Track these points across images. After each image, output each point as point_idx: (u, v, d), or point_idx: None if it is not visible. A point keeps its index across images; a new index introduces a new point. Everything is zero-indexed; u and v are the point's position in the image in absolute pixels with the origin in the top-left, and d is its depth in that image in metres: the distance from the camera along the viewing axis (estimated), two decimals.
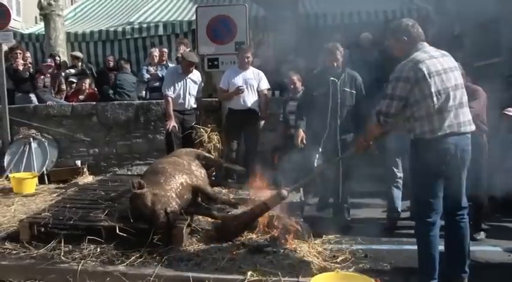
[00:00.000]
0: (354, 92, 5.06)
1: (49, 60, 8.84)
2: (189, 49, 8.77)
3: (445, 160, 3.36)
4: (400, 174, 5.18)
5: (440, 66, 3.36)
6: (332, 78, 5.00)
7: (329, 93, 5.00)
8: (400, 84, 3.35)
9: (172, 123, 6.19)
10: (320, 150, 5.01)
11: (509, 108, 5.20)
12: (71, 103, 8.10)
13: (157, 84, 8.14)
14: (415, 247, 3.61)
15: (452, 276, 3.53)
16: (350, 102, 5.05)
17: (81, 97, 8.60)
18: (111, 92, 7.92)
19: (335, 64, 5.06)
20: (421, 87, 3.30)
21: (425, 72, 3.29)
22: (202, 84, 6.79)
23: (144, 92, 8.66)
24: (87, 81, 8.80)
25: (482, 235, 4.79)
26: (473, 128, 3.48)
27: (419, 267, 3.53)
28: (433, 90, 3.29)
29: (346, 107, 5.03)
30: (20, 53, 8.47)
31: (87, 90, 8.69)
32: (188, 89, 6.40)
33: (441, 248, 3.54)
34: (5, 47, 8.20)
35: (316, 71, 5.55)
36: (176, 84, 6.33)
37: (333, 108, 5.00)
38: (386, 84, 3.50)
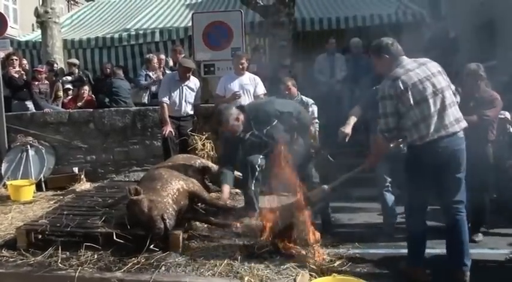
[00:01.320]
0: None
1: (40, 66, 8.85)
2: (183, 55, 8.82)
3: (437, 163, 3.61)
4: (389, 179, 5.17)
5: (416, 77, 3.59)
6: (248, 137, 4.53)
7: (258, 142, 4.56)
8: (387, 102, 3.63)
9: (169, 129, 6.20)
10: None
11: (503, 111, 5.23)
12: (67, 110, 8.11)
13: (155, 90, 8.18)
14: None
15: (453, 270, 3.70)
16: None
17: (79, 104, 8.62)
18: (107, 100, 7.92)
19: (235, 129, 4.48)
20: (402, 101, 3.57)
21: (402, 87, 3.55)
22: (200, 92, 6.82)
23: (146, 98, 8.67)
24: (86, 88, 8.82)
25: (480, 237, 4.80)
26: (463, 125, 3.67)
27: (408, 257, 3.89)
28: (412, 102, 3.55)
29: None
30: (16, 60, 8.48)
31: (85, 97, 8.70)
32: (184, 97, 6.40)
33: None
34: (1, 54, 8.22)
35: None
36: (172, 91, 6.33)
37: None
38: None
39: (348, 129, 4.57)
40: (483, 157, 4.69)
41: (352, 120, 4.71)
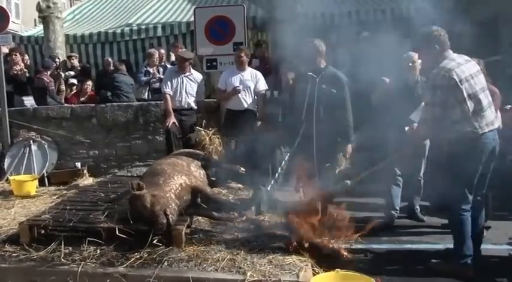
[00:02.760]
0: (334, 91, 4.64)
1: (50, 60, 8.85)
2: (183, 50, 8.80)
3: (486, 154, 3.72)
4: (399, 172, 5.18)
5: (468, 72, 3.67)
6: (310, 74, 4.72)
7: (306, 89, 4.71)
8: (437, 92, 3.65)
9: (172, 120, 6.22)
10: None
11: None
12: (70, 105, 8.11)
13: (158, 85, 8.17)
14: (415, 246, 3.63)
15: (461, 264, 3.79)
16: (329, 101, 4.63)
17: (82, 99, 8.61)
18: (109, 94, 7.91)
19: (317, 61, 4.77)
20: (455, 94, 3.61)
21: (457, 80, 3.59)
22: (204, 88, 6.82)
23: (146, 94, 8.67)
24: (89, 83, 8.81)
25: (483, 232, 4.79)
26: (498, 123, 3.87)
27: (455, 251, 3.82)
28: (465, 95, 3.61)
29: (324, 106, 4.63)
30: (16, 55, 8.49)
31: (89, 92, 8.70)
32: (185, 87, 6.43)
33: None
34: (5, 50, 8.22)
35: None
36: (173, 82, 6.39)
37: (309, 105, 4.67)
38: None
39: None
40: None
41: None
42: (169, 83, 6.40)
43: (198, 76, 6.61)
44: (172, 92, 6.37)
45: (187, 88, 6.45)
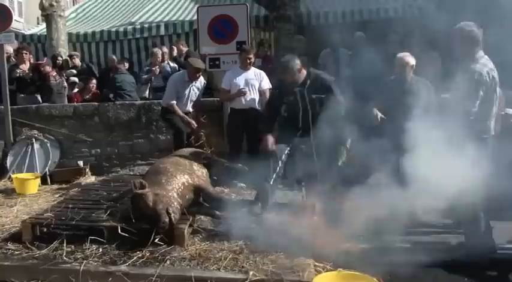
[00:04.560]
0: (323, 96, 4.72)
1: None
2: (186, 49, 8.79)
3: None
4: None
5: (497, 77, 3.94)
6: (297, 89, 4.76)
7: (297, 102, 4.78)
8: (483, 88, 3.83)
9: (192, 121, 6.32)
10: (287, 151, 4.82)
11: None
12: (72, 104, 8.11)
13: (159, 84, 8.16)
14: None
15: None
16: (320, 108, 4.72)
17: (86, 97, 8.61)
18: (111, 95, 7.90)
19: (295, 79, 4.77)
20: (495, 91, 3.90)
21: (497, 81, 3.89)
22: (204, 85, 6.81)
23: (147, 92, 8.66)
24: (94, 81, 8.81)
25: None
26: None
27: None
28: (497, 93, 3.96)
29: (317, 114, 4.70)
30: (25, 53, 8.51)
31: (93, 90, 8.70)
32: (190, 96, 6.48)
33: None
34: (9, 49, 8.22)
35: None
36: (181, 92, 6.38)
37: (304, 116, 4.77)
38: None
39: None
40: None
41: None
42: (175, 94, 6.36)
43: (202, 82, 6.64)
44: (177, 101, 6.37)
45: (192, 96, 6.51)
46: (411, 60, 5.06)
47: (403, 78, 5.07)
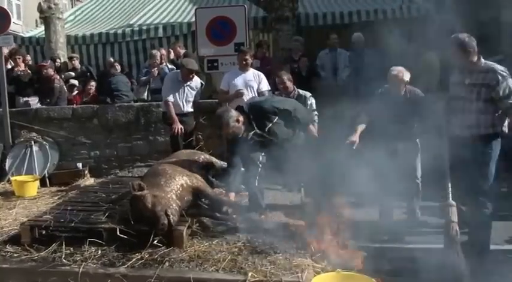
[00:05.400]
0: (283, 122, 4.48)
1: (45, 61, 8.86)
2: (183, 51, 8.79)
3: None
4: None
5: None
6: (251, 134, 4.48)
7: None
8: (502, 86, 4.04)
9: (179, 126, 6.22)
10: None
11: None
12: (71, 106, 8.11)
13: (157, 85, 8.16)
14: (416, 246, 3.61)
15: None
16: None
17: (85, 99, 8.61)
18: (108, 99, 7.88)
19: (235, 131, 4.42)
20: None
21: None
22: (202, 87, 6.81)
23: (145, 94, 8.66)
24: (93, 83, 8.81)
25: None
26: None
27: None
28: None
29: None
30: (19, 58, 8.51)
31: (92, 92, 8.70)
32: (186, 96, 6.44)
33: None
34: (6, 51, 8.23)
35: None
36: (174, 92, 6.36)
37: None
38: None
39: (355, 137, 4.74)
40: None
41: (360, 128, 4.83)
42: (171, 91, 6.35)
43: (197, 82, 6.61)
44: (173, 100, 6.36)
45: (188, 97, 6.47)
46: (406, 76, 4.94)
47: (394, 92, 4.97)
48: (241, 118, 4.32)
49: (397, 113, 4.61)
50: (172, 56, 8.91)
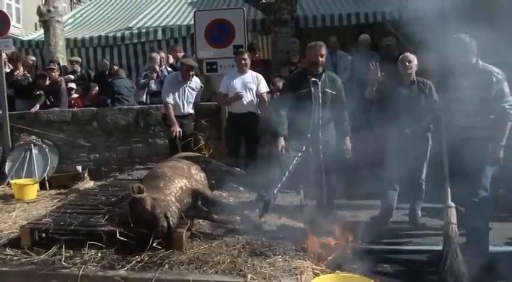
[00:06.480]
0: (334, 93, 4.94)
1: (52, 64, 8.86)
2: (182, 54, 8.81)
3: None
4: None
5: None
6: (313, 79, 4.87)
7: (311, 94, 4.84)
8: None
9: (178, 129, 6.23)
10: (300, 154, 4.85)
11: None
12: (71, 109, 8.12)
13: (157, 88, 8.17)
14: (415, 248, 3.61)
15: None
16: (331, 103, 4.93)
17: (87, 103, 8.63)
18: (109, 101, 7.91)
19: (319, 63, 4.93)
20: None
21: None
22: (202, 89, 6.82)
23: (144, 97, 8.68)
24: (97, 88, 8.82)
25: None
26: None
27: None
28: None
29: (328, 108, 4.89)
30: (17, 63, 8.53)
31: (93, 95, 8.71)
32: (186, 97, 6.47)
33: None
34: (4, 54, 8.24)
35: (296, 71, 5.51)
36: (174, 92, 6.37)
37: (315, 108, 4.84)
38: None
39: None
40: None
41: None
42: (171, 92, 6.37)
43: (197, 83, 6.63)
44: (173, 102, 6.36)
45: (188, 98, 6.50)
46: (415, 60, 5.07)
47: (406, 77, 5.06)
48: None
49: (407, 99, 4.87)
50: (171, 60, 8.92)
